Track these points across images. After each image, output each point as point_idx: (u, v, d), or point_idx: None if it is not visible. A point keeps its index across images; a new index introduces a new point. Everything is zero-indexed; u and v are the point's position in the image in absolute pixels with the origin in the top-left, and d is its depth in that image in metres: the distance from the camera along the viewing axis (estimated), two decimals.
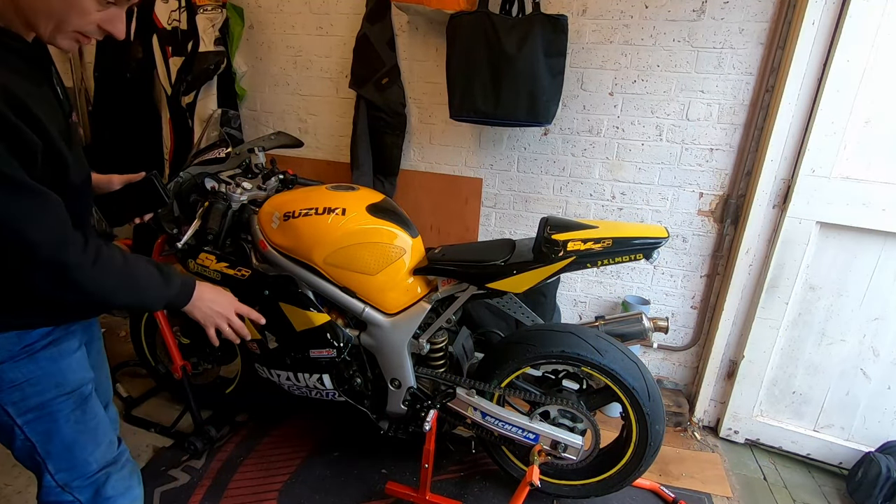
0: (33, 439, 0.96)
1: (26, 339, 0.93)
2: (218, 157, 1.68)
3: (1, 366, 0.91)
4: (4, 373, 0.91)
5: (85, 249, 0.85)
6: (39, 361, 0.94)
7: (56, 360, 0.96)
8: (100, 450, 1.04)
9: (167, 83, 2.49)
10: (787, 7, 1.79)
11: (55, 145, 0.82)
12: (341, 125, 2.50)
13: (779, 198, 1.93)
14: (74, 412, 0.99)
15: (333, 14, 2.34)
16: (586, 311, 2.41)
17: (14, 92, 0.75)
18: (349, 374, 1.68)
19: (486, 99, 1.97)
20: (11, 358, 0.91)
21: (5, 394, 0.92)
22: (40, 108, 0.80)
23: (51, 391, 0.96)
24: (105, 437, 1.05)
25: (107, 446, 1.06)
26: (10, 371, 0.92)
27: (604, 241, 1.38)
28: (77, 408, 0.99)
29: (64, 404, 0.97)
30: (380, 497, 1.73)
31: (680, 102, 2.01)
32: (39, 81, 0.86)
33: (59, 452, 0.99)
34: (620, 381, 1.48)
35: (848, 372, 1.95)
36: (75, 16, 0.79)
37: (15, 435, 0.96)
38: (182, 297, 1.02)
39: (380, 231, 1.55)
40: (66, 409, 0.98)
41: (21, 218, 0.77)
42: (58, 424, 0.97)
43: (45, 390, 0.95)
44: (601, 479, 1.66)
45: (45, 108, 0.82)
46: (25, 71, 0.82)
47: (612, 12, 1.99)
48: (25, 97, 0.77)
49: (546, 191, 2.28)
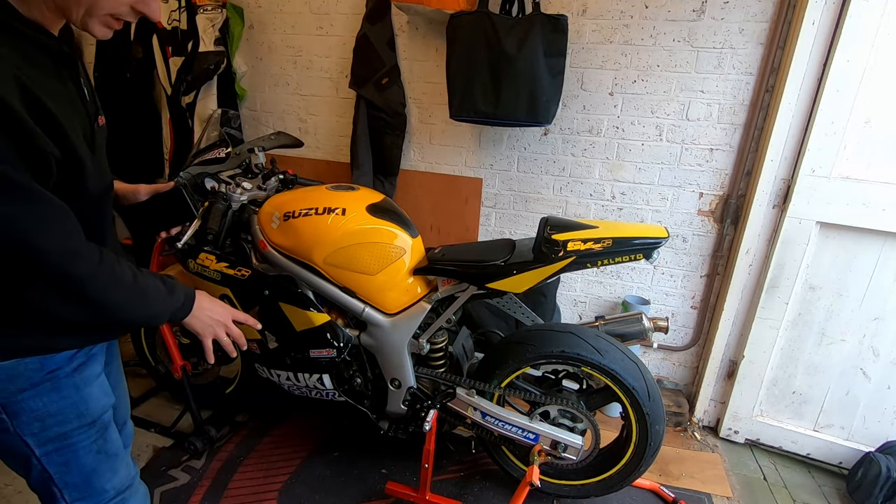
0: (51, 470, 0.92)
1: (49, 365, 0.87)
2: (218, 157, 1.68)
3: (22, 394, 0.85)
4: (25, 402, 0.86)
5: (99, 263, 0.79)
6: (63, 390, 0.89)
7: (80, 387, 0.92)
8: (118, 476, 1.01)
9: (167, 83, 2.49)
10: (787, 7, 1.79)
11: (74, 152, 0.78)
12: (341, 125, 2.50)
13: (779, 198, 1.93)
14: (96, 442, 0.95)
15: (333, 14, 2.34)
16: (586, 311, 2.41)
17: (35, 93, 0.71)
18: (349, 374, 1.68)
19: (486, 99, 1.97)
20: (33, 386, 0.86)
21: (25, 425, 0.87)
22: (63, 110, 0.76)
23: (72, 421, 0.91)
24: (122, 462, 1.02)
25: (124, 471, 1.02)
26: (32, 400, 0.87)
27: (604, 241, 1.38)
28: (98, 437, 0.96)
29: (85, 434, 0.93)
30: (380, 497, 1.73)
31: (680, 102, 2.01)
32: (65, 79, 0.81)
33: (77, 483, 0.95)
34: (620, 381, 1.48)
35: (848, 372, 1.95)
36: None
37: (32, 465, 0.92)
38: (185, 310, 0.96)
39: (380, 231, 1.55)
40: (87, 440, 0.94)
41: (28, 225, 0.71)
42: (77, 455, 0.93)
43: (67, 420, 0.90)
44: (601, 479, 1.66)
45: (69, 109, 0.79)
46: (51, 68, 0.78)
47: (612, 12, 1.99)
48: (47, 98, 0.73)
49: (546, 191, 2.28)
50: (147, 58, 2.52)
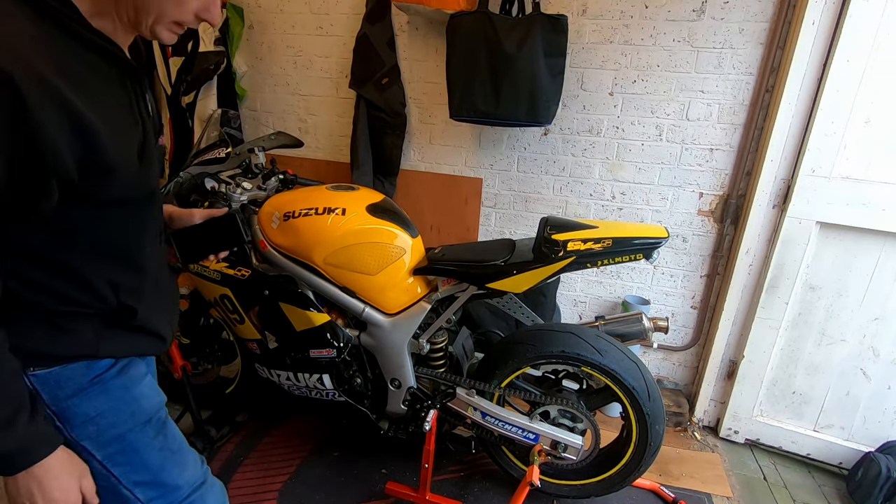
0: (116, 473, 0.89)
1: (95, 369, 0.85)
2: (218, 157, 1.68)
3: (71, 399, 0.83)
4: (77, 406, 0.84)
5: None
6: (111, 391, 0.87)
7: (128, 387, 0.89)
8: (187, 471, 0.98)
9: (167, 83, 2.49)
10: (787, 7, 1.79)
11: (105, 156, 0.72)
12: (341, 125, 2.50)
13: (779, 198, 1.93)
14: (155, 439, 0.93)
15: (333, 14, 2.34)
16: (586, 311, 2.41)
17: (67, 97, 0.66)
18: (349, 374, 1.68)
19: (486, 99, 1.97)
20: (82, 390, 0.84)
21: (79, 429, 0.84)
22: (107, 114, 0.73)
23: (127, 422, 0.89)
24: (190, 457, 1.00)
25: (193, 466, 1.00)
26: (82, 404, 0.84)
27: (604, 241, 1.38)
28: (157, 434, 0.94)
29: (142, 433, 0.91)
30: (380, 497, 1.73)
31: (680, 102, 2.01)
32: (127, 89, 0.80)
33: (148, 481, 0.92)
34: (620, 381, 1.48)
35: (848, 372, 1.95)
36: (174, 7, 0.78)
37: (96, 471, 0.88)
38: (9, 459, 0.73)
39: (380, 231, 1.55)
40: (145, 438, 0.91)
41: None
42: (139, 454, 0.91)
43: (121, 421, 0.88)
44: (601, 479, 1.66)
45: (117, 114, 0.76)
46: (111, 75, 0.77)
47: (612, 12, 1.99)
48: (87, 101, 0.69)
49: (546, 191, 2.28)
50: (147, 58, 2.52)
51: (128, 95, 0.80)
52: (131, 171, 0.78)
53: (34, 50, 0.65)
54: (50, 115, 0.64)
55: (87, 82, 0.71)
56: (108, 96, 0.76)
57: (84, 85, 0.70)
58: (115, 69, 0.78)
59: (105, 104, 0.74)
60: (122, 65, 0.78)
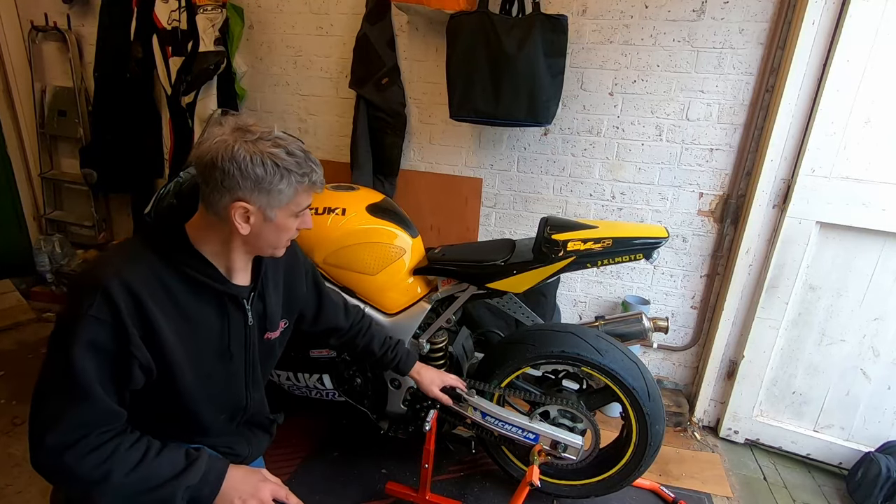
0: None
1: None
2: None
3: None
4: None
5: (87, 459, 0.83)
6: None
7: None
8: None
9: (167, 83, 2.49)
10: (787, 7, 1.79)
11: (170, 365, 0.91)
12: (341, 125, 2.50)
13: (779, 198, 1.93)
14: None
15: (333, 14, 2.34)
16: (586, 311, 2.41)
17: (151, 317, 0.86)
18: (349, 374, 1.68)
19: (486, 99, 1.97)
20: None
21: None
22: (184, 331, 0.92)
23: None
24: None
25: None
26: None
27: (604, 241, 1.38)
28: None
29: None
30: (380, 497, 1.73)
31: (680, 102, 2.01)
32: (224, 307, 0.99)
33: None
34: (620, 381, 1.48)
35: (848, 372, 1.95)
36: (284, 235, 0.98)
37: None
38: (206, 485, 0.92)
39: (380, 231, 1.55)
40: None
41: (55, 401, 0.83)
42: None
43: None
44: (601, 479, 1.66)
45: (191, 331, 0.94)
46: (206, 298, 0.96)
47: (612, 12, 1.99)
48: (169, 321, 0.89)
49: (546, 191, 2.28)
50: (147, 58, 2.52)
51: (220, 317, 0.99)
52: (196, 378, 0.95)
53: (140, 275, 0.87)
54: (131, 319, 0.84)
55: (179, 305, 0.91)
56: (200, 322, 0.95)
57: (174, 306, 0.90)
58: (215, 298, 0.97)
59: (191, 327, 0.93)
60: (223, 296, 0.98)
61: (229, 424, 1.11)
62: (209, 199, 0.90)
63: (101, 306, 0.82)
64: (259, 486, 0.96)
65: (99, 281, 0.83)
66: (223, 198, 0.89)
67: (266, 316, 1.09)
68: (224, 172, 0.86)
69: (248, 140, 0.88)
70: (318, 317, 1.31)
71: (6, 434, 1.93)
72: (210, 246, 0.95)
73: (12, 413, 2.04)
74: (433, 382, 1.46)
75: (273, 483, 1.00)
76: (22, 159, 3.09)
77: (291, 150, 0.91)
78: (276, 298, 1.12)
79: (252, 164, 0.87)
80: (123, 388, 0.88)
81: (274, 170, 0.88)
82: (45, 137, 3.04)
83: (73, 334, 0.81)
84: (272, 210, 0.92)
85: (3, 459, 1.80)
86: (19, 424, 1.98)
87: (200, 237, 0.94)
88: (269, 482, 0.99)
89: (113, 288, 0.83)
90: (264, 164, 0.87)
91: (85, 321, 0.81)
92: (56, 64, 2.92)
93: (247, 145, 0.87)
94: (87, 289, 0.83)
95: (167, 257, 0.91)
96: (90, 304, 0.82)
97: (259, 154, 0.87)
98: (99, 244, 3.14)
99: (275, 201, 0.91)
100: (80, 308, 0.82)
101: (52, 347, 0.85)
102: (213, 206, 0.90)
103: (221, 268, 0.97)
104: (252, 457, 1.19)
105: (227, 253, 0.96)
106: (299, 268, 1.22)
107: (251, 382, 1.10)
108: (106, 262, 0.89)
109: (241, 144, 0.87)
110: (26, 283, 3.03)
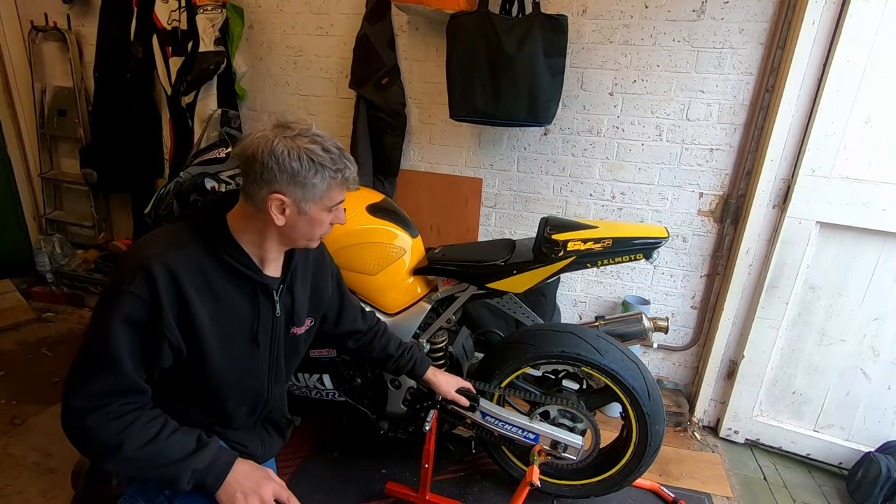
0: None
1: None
2: (218, 157, 1.68)
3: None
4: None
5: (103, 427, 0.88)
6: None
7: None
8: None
9: (167, 83, 2.49)
10: (787, 7, 1.79)
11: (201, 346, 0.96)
12: (341, 125, 2.50)
13: (779, 198, 1.93)
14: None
15: (333, 14, 2.34)
16: (586, 311, 2.41)
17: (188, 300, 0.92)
18: (349, 374, 1.68)
19: (486, 99, 1.97)
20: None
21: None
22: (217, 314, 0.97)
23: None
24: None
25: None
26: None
27: (604, 241, 1.38)
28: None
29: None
30: (380, 497, 1.73)
31: (680, 102, 2.01)
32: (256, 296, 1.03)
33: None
34: (620, 381, 1.48)
35: (848, 372, 1.95)
36: (318, 228, 1.03)
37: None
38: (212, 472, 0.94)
39: (380, 231, 1.55)
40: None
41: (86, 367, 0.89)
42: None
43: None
44: (601, 479, 1.66)
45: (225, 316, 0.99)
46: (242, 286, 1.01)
47: (612, 12, 1.99)
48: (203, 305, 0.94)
49: (546, 191, 2.28)
50: (147, 58, 2.52)
51: (252, 305, 1.03)
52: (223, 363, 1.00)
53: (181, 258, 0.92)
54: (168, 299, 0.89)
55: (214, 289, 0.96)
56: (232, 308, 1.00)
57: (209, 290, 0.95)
58: (249, 286, 1.02)
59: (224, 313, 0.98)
60: (255, 284, 1.02)
61: (249, 418, 1.14)
62: (249, 190, 0.96)
63: (141, 284, 0.88)
64: (262, 483, 0.97)
65: (144, 260, 0.89)
66: (261, 189, 0.94)
67: (294, 310, 1.13)
68: (263, 165, 0.92)
69: (287, 136, 0.93)
70: (340, 319, 1.34)
71: (6, 434, 1.93)
72: (248, 235, 1.00)
73: (12, 413, 2.04)
74: (450, 385, 1.46)
75: (277, 483, 1.01)
76: (22, 159, 3.09)
77: (327, 146, 0.96)
78: (304, 295, 1.16)
79: (289, 159, 0.92)
80: (152, 365, 0.93)
81: (309, 164, 0.93)
82: (45, 137, 3.04)
83: (112, 308, 0.87)
84: (306, 203, 0.97)
85: (3, 459, 1.80)
86: (19, 424, 1.98)
87: (239, 227, 1.00)
88: (273, 481, 1.00)
89: (155, 268, 0.88)
90: (300, 159, 0.92)
91: (125, 296, 0.87)
92: (56, 64, 2.93)
93: (285, 140, 0.92)
94: (132, 267, 0.89)
95: (209, 244, 0.97)
96: (132, 280, 0.88)
97: (296, 149, 0.92)
98: (99, 244, 3.14)
99: (309, 195, 0.96)
100: (122, 283, 0.88)
101: (93, 318, 0.91)
102: (252, 198, 0.96)
103: (255, 258, 1.02)
104: (264, 457, 1.21)
105: (263, 243, 1.01)
106: (326, 269, 1.25)
107: (274, 375, 1.14)
108: (153, 242, 0.94)
109: (281, 140, 0.92)
110: (26, 283, 3.03)
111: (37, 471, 1.76)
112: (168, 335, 0.91)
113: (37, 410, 2.06)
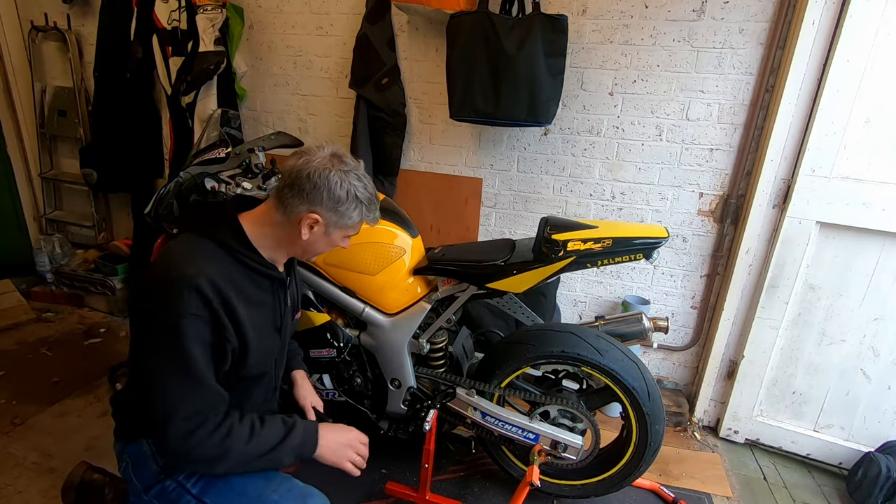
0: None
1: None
2: (218, 157, 1.68)
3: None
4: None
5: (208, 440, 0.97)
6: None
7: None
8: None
9: (167, 83, 2.49)
10: (787, 7, 1.79)
11: (245, 340, 1.04)
12: (341, 125, 2.50)
13: (779, 198, 1.93)
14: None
15: (333, 14, 2.34)
16: (586, 311, 2.41)
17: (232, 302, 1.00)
18: (349, 374, 1.68)
19: (487, 99, 1.97)
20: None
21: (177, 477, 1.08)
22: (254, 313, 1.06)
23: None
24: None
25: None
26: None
27: (604, 241, 1.38)
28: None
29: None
30: (380, 497, 1.73)
31: (680, 102, 2.01)
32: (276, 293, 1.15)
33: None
34: (620, 381, 1.48)
35: (848, 372, 1.95)
36: (328, 248, 1.17)
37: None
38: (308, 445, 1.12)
39: (380, 231, 1.55)
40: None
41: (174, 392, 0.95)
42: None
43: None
44: (601, 479, 1.66)
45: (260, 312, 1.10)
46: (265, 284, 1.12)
47: (612, 12, 1.99)
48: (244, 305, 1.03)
49: (546, 191, 2.28)
50: (147, 58, 2.52)
51: (274, 297, 1.15)
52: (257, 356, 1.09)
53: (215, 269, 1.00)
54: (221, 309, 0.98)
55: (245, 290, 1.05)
56: (260, 304, 1.10)
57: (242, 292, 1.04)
58: (269, 282, 1.13)
59: (256, 310, 1.08)
60: (274, 280, 1.14)
61: (263, 406, 1.24)
62: (288, 201, 1.06)
63: (197, 304, 0.95)
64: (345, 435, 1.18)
65: (190, 280, 0.96)
66: (301, 205, 1.05)
67: (296, 300, 1.29)
68: (314, 186, 1.04)
69: (342, 169, 1.06)
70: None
71: (6, 434, 1.93)
72: (265, 240, 1.10)
73: (12, 413, 2.04)
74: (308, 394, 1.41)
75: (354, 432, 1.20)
76: (22, 159, 3.09)
77: (368, 189, 1.11)
78: (294, 286, 1.30)
79: (339, 188, 1.05)
80: (220, 371, 1.02)
81: (353, 199, 1.08)
82: (45, 137, 3.05)
83: (181, 333, 0.94)
84: (334, 227, 1.10)
85: (3, 459, 1.80)
86: (19, 425, 1.98)
87: (258, 232, 1.09)
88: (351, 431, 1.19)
89: (203, 286, 0.96)
90: (347, 192, 1.07)
91: (187, 319, 0.94)
92: (56, 64, 2.93)
93: (339, 173, 1.06)
94: (179, 290, 0.95)
95: (232, 251, 1.06)
96: (187, 303, 0.95)
97: (347, 183, 1.06)
98: (99, 244, 3.14)
99: (340, 222, 1.09)
100: (179, 307, 0.94)
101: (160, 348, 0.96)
102: (287, 208, 1.06)
103: (268, 259, 1.13)
104: None
105: (277, 247, 1.12)
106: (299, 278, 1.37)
107: (280, 361, 1.26)
108: (187, 261, 1.00)
109: (336, 171, 1.05)
110: (26, 283, 3.03)
111: (37, 471, 1.76)
112: (230, 340, 1.01)
113: (37, 410, 2.06)
